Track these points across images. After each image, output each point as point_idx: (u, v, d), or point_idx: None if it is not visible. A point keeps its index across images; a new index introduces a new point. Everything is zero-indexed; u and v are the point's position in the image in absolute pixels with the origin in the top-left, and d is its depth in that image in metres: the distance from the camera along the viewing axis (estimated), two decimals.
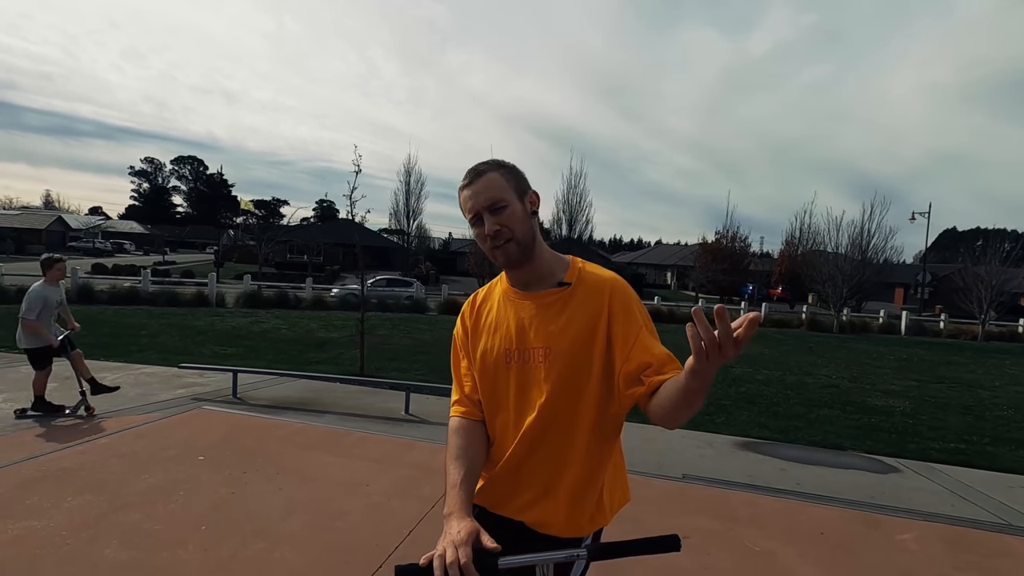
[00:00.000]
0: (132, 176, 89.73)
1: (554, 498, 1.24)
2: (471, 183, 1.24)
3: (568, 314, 1.24)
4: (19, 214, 58.51)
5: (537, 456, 1.24)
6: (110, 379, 6.75)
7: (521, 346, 1.25)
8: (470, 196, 1.23)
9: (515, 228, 1.22)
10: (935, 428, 6.89)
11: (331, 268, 36.87)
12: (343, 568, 2.73)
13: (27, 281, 15.83)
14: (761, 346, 14.47)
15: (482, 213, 1.22)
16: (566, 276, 1.28)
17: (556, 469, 1.24)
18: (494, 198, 1.21)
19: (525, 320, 1.26)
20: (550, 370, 1.22)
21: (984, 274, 22.06)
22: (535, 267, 1.27)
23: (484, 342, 1.31)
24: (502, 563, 1.02)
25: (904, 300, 43.12)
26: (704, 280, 33.58)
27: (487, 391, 1.30)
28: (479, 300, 1.39)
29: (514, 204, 1.23)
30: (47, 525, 2.93)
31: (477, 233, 1.25)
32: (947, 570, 3.12)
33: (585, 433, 1.24)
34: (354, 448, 4.58)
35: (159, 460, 3.95)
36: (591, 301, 1.24)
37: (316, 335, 12.04)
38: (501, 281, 1.37)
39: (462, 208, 1.27)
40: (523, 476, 1.26)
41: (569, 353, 1.21)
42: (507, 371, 1.27)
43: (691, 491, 4.12)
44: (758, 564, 3.03)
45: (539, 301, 1.27)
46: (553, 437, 1.23)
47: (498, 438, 1.30)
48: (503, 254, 1.23)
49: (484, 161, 1.27)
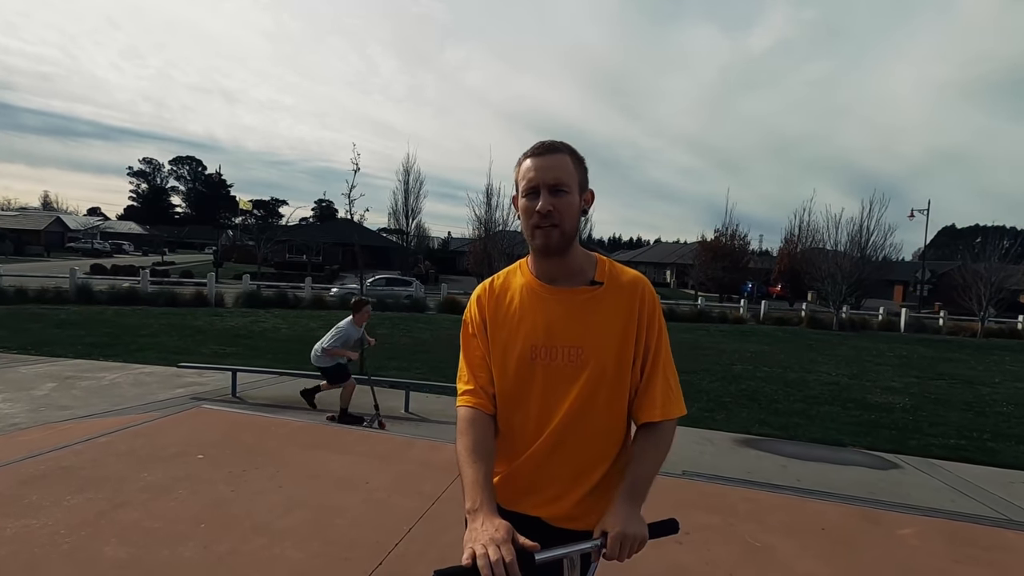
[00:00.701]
0: (131, 176, 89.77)
1: (576, 495, 1.24)
2: (542, 155, 1.21)
3: (602, 314, 1.23)
4: (17, 215, 58.45)
5: (561, 454, 1.23)
6: (110, 379, 6.75)
7: (549, 343, 1.23)
8: (536, 167, 1.20)
9: (566, 217, 1.20)
10: (935, 424, 6.90)
11: (330, 268, 36.86)
12: (343, 564, 2.72)
13: (26, 283, 15.84)
14: (761, 344, 14.48)
15: (541, 188, 1.18)
16: (596, 275, 1.27)
17: (581, 467, 1.24)
18: (560, 179, 1.19)
19: (554, 317, 1.24)
20: (581, 369, 1.21)
21: (983, 271, 22.10)
22: (567, 263, 1.25)
23: (507, 335, 1.27)
24: (538, 559, 1.02)
25: (904, 297, 43.15)
26: (703, 278, 33.57)
27: (508, 386, 1.26)
28: (497, 288, 1.32)
29: (574, 193, 1.21)
30: (46, 523, 2.93)
31: (525, 206, 1.21)
32: (947, 564, 3.12)
33: (610, 431, 1.24)
34: (354, 446, 4.58)
35: (158, 459, 3.94)
36: (623, 303, 1.24)
37: (316, 334, 11.94)
38: (522, 272, 1.32)
39: (520, 176, 1.23)
40: (545, 474, 1.24)
41: (601, 353, 1.21)
42: (532, 367, 1.23)
43: (692, 487, 4.13)
44: (759, 559, 3.03)
45: (570, 298, 1.24)
46: (580, 436, 1.22)
47: (517, 435, 1.26)
48: (544, 237, 1.20)
49: (558, 140, 1.24)
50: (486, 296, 1.32)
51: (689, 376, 9.15)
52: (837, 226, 25.30)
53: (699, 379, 8.96)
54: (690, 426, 6.04)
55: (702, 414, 6.67)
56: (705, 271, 33.42)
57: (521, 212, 1.24)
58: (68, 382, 6.53)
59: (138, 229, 69.07)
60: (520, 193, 1.23)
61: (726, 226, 36.23)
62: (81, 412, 5.29)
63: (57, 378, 6.68)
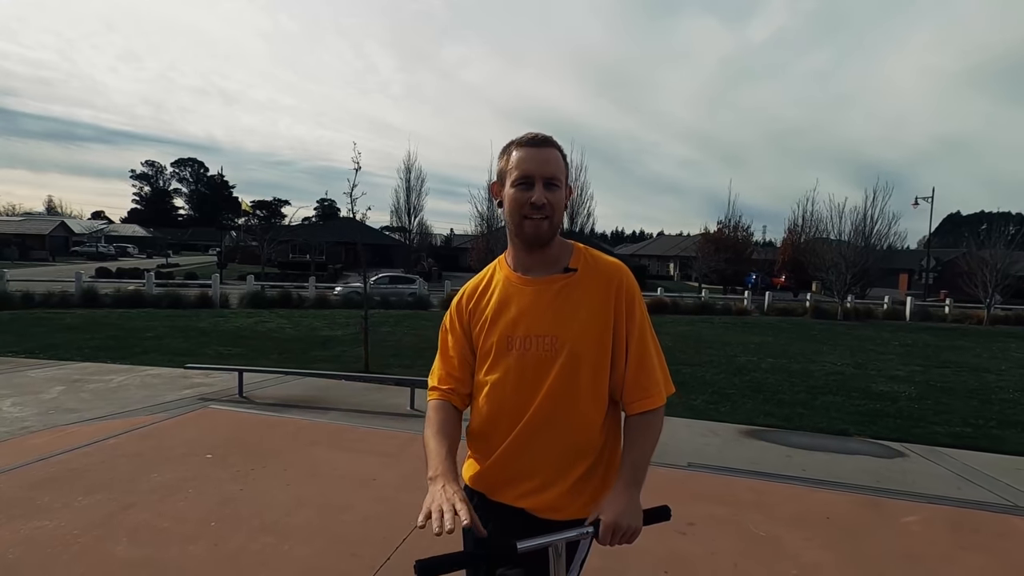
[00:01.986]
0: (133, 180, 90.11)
1: (559, 485, 1.23)
2: (537, 147, 1.22)
3: (575, 301, 1.24)
4: (22, 220, 58.71)
5: (541, 444, 1.23)
6: (117, 381, 6.80)
7: (524, 332, 1.23)
8: (532, 159, 1.21)
9: (557, 211, 1.23)
10: (941, 412, 6.88)
11: (333, 267, 36.91)
12: (351, 560, 2.75)
13: (32, 287, 15.93)
14: (765, 335, 14.45)
15: (536, 181, 1.20)
16: (571, 262, 1.27)
17: (562, 457, 1.23)
18: (555, 174, 1.22)
19: (527, 306, 1.25)
20: (555, 357, 1.21)
21: (989, 258, 21.93)
22: (546, 253, 1.27)
23: (483, 327, 1.29)
24: (520, 547, 1.03)
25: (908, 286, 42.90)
26: (707, 270, 33.52)
27: (487, 378, 1.28)
28: (477, 288, 1.35)
29: (563, 189, 1.24)
30: (59, 525, 2.96)
31: (516, 196, 1.21)
32: (952, 551, 3.12)
33: (590, 419, 1.24)
34: (360, 443, 4.61)
35: (167, 459, 3.98)
36: (598, 290, 1.24)
37: (320, 333, 12.07)
38: (500, 267, 1.34)
39: (509, 165, 1.23)
40: (526, 464, 1.25)
41: (576, 341, 1.21)
42: (507, 358, 1.25)
43: (696, 478, 4.14)
44: (764, 549, 3.04)
45: (544, 287, 1.25)
46: (559, 425, 1.22)
47: (496, 425, 1.27)
48: (535, 228, 1.22)
49: (546, 134, 1.25)
50: (465, 298, 1.35)
51: (693, 368, 9.15)
52: (840, 215, 25.15)
53: (703, 371, 8.95)
54: (695, 418, 6.04)
55: (707, 406, 6.67)
56: (708, 263, 33.35)
57: (508, 201, 1.24)
58: (76, 385, 6.58)
59: (142, 232, 69.36)
60: (510, 182, 1.23)
61: (729, 218, 36.23)
62: (89, 415, 5.34)
63: (65, 381, 6.74)
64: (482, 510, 1.23)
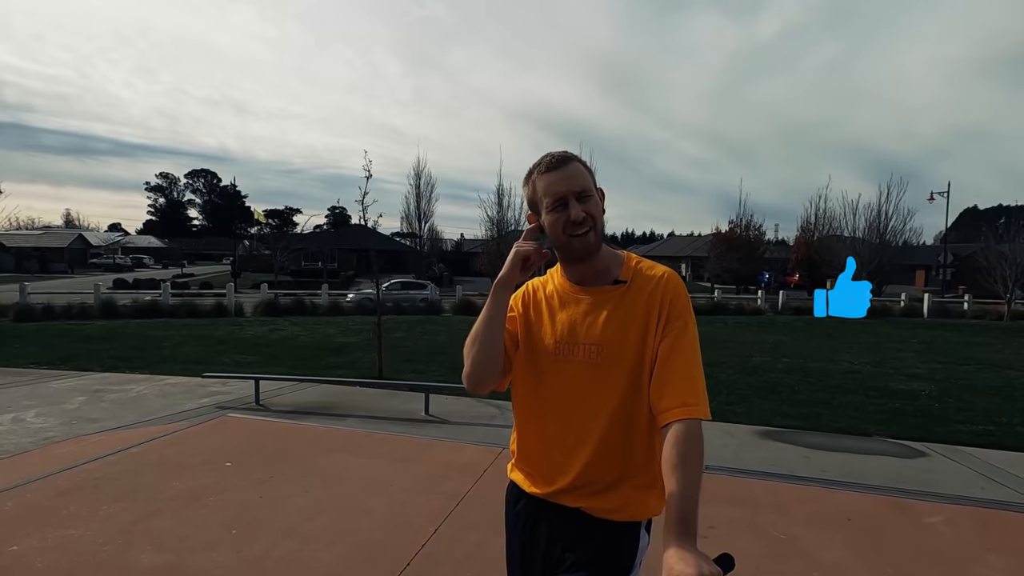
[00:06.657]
0: (148, 192, 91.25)
1: (618, 489, 1.26)
2: (558, 168, 1.24)
3: (623, 312, 1.25)
4: (42, 233, 59.81)
5: (598, 451, 1.25)
6: (136, 391, 6.91)
7: (571, 340, 1.26)
8: (559, 180, 1.23)
9: (597, 219, 1.25)
10: (962, 410, 6.77)
11: (346, 273, 37.17)
12: (371, 564, 2.77)
13: (52, 299, 16.24)
14: (780, 334, 14.32)
15: (569, 199, 1.22)
16: (622, 274, 1.29)
17: (618, 463, 1.26)
18: (584, 186, 1.24)
19: (578, 316, 1.28)
20: (604, 367, 1.24)
21: (1008, 252, 21.56)
22: (595, 265, 1.29)
23: (536, 335, 1.32)
24: None
25: (926, 282, 42.29)
26: (719, 270, 33.24)
27: (531, 382, 1.32)
28: (539, 288, 1.38)
29: (595, 194, 1.26)
30: (85, 532, 3.02)
31: (554, 220, 1.24)
32: (979, 552, 3.07)
33: (643, 426, 1.26)
34: (377, 448, 4.64)
35: (188, 467, 4.04)
36: (645, 300, 1.25)
37: (334, 340, 12.17)
38: (553, 279, 1.37)
39: (539, 193, 1.26)
40: (581, 470, 1.26)
41: (622, 351, 1.23)
42: (555, 365, 1.28)
43: (713, 481, 4.11)
44: (784, 550, 3.02)
45: (594, 297, 1.28)
46: (613, 432, 1.24)
47: (544, 432, 1.31)
48: (582, 243, 1.24)
49: (561, 151, 1.27)
50: (528, 294, 1.38)
51: (708, 369, 8.90)
52: (854, 212, 24.97)
53: (718, 372, 8.89)
54: (710, 420, 6.00)
55: (722, 407, 6.62)
56: (720, 263, 33.08)
57: (549, 226, 1.26)
58: (97, 395, 6.69)
59: (157, 243, 70.30)
60: (545, 209, 1.26)
61: (740, 216, 35.81)
62: (111, 424, 5.43)
63: (86, 391, 6.86)
64: (537, 510, 1.30)
